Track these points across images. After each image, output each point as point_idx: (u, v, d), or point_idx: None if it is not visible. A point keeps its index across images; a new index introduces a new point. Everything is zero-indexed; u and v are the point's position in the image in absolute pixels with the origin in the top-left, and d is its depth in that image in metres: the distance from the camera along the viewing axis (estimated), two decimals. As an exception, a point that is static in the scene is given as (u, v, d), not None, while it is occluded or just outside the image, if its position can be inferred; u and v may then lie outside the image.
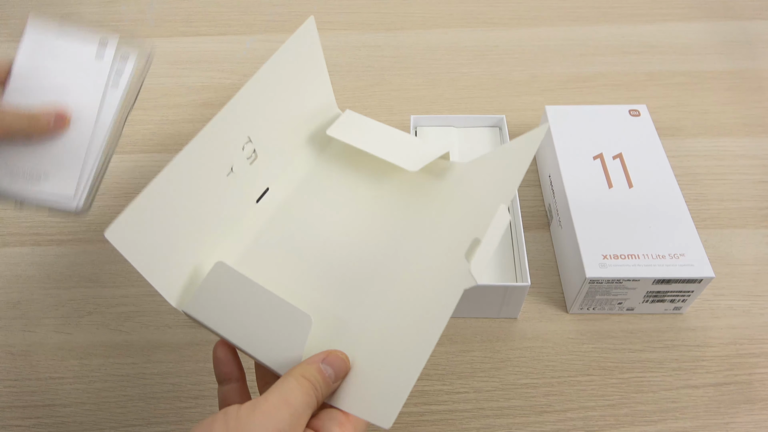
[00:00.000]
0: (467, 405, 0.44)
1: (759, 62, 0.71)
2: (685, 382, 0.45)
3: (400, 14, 0.80)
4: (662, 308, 0.48)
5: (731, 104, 0.66)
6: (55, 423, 0.44)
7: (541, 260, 0.53)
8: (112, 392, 0.45)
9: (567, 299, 0.49)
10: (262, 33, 0.77)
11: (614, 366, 0.46)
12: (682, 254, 0.45)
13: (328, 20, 0.78)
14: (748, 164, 0.60)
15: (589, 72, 0.70)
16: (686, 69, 0.70)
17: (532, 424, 0.43)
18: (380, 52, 0.74)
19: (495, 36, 0.76)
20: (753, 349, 0.47)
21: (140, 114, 0.67)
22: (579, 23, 0.77)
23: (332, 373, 0.29)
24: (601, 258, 0.45)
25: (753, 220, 0.55)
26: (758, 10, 0.78)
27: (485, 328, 0.48)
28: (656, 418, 0.43)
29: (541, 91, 0.68)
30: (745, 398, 0.44)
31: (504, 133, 0.56)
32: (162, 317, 0.49)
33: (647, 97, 0.67)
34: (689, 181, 0.58)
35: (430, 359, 0.46)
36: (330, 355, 0.29)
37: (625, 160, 0.52)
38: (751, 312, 0.49)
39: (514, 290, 0.45)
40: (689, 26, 0.76)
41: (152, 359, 0.47)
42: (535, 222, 0.56)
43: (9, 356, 0.47)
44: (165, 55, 0.74)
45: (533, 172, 0.60)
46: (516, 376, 0.46)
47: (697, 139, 0.62)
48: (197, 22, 0.79)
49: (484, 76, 0.71)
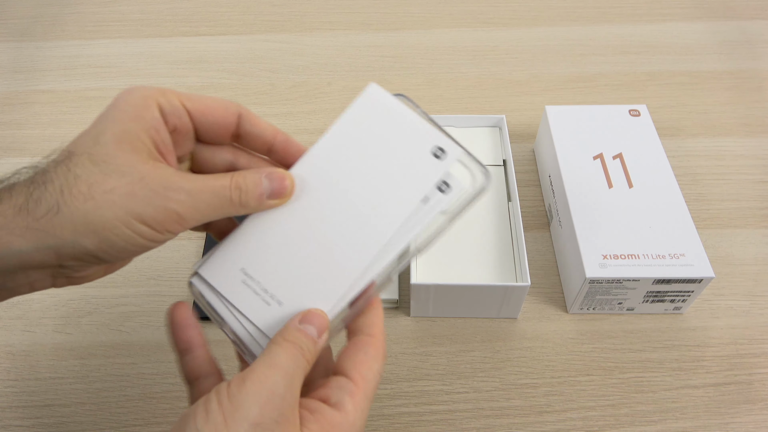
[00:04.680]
0: (467, 405, 0.44)
1: (759, 62, 0.71)
2: (685, 382, 0.45)
3: (400, 14, 0.80)
4: (662, 308, 0.48)
5: (731, 104, 0.66)
6: (55, 423, 0.44)
7: (541, 260, 0.53)
8: (112, 392, 0.45)
9: (567, 299, 0.49)
10: (262, 33, 0.77)
11: (614, 366, 0.46)
12: (682, 254, 0.45)
13: (328, 20, 0.78)
14: (748, 164, 0.60)
15: (589, 72, 0.70)
16: (686, 69, 0.70)
17: (532, 424, 0.43)
18: (380, 52, 0.74)
19: (495, 36, 0.76)
20: (753, 349, 0.47)
21: (140, 114, 0.67)
22: (579, 23, 0.77)
23: (313, 329, 0.28)
24: (601, 258, 0.45)
25: (753, 220, 0.55)
26: (758, 10, 0.78)
27: (485, 328, 0.48)
28: (656, 418, 0.43)
29: (541, 91, 0.68)
30: (745, 398, 0.44)
31: (504, 133, 0.56)
32: (162, 317, 0.49)
33: (647, 97, 0.67)
34: (689, 181, 0.58)
35: (431, 359, 0.46)
36: (306, 315, 0.29)
37: (625, 160, 0.52)
38: (751, 312, 0.49)
39: (514, 290, 0.45)
40: (689, 26, 0.76)
41: (152, 359, 0.47)
42: (535, 222, 0.56)
43: (9, 356, 0.47)
44: (165, 55, 0.74)
45: (533, 172, 0.60)
46: (516, 376, 0.46)
47: (697, 139, 0.62)
48: (197, 22, 0.79)
49: (484, 76, 0.71)
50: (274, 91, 0.69)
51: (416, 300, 0.47)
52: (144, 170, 0.26)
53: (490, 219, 0.51)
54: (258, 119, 0.32)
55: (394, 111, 0.32)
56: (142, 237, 0.26)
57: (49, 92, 0.70)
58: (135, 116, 0.27)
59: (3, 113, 0.68)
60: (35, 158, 0.27)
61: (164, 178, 0.26)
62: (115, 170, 0.26)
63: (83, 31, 0.78)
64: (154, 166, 0.27)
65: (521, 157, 0.61)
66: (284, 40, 0.76)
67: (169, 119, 0.29)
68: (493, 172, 0.55)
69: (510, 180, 0.53)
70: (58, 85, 0.71)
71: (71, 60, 0.74)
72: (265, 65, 0.73)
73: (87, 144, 0.26)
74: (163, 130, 0.28)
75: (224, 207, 0.28)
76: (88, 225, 0.25)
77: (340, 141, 0.32)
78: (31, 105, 0.68)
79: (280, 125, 0.65)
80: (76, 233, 0.25)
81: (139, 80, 0.71)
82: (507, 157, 0.55)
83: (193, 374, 0.30)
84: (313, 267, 0.30)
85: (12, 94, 0.70)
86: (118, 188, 0.25)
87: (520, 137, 0.63)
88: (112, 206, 0.25)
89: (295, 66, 0.72)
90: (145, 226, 0.26)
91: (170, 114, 0.29)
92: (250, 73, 0.72)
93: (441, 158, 0.31)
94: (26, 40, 0.77)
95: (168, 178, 0.27)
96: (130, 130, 0.27)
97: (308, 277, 0.30)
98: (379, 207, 0.30)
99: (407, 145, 0.31)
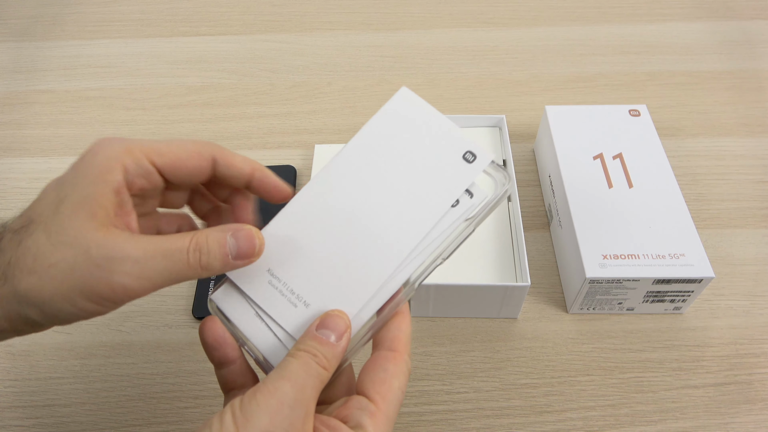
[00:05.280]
0: (467, 405, 0.44)
1: (759, 62, 0.71)
2: (685, 382, 0.45)
3: (400, 14, 0.80)
4: (662, 308, 0.48)
5: (731, 104, 0.66)
6: (55, 423, 0.44)
7: (541, 260, 0.53)
8: (112, 392, 0.45)
9: (567, 299, 0.49)
10: (262, 33, 0.77)
11: (614, 366, 0.46)
12: (682, 254, 0.45)
13: (328, 20, 0.78)
14: (748, 164, 0.60)
15: (589, 72, 0.70)
16: (686, 69, 0.70)
17: (532, 424, 0.43)
18: (380, 52, 0.74)
19: (495, 36, 0.76)
20: (753, 349, 0.47)
21: (140, 114, 0.67)
22: (579, 23, 0.77)
23: (331, 334, 0.27)
24: (601, 258, 0.45)
25: (753, 220, 0.55)
26: (758, 10, 0.78)
27: (485, 328, 0.48)
28: (656, 418, 0.43)
29: (541, 91, 0.68)
30: (745, 398, 0.44)
31: (504, 133, 0.56)
32: (162, 317, 0.49)
33: (647, 97, 0.67)
34: (689, 181, 0.58)
35: (431, 359, 0.46)
36: (324, 319, 0.28)
37: (625, 160, 0.52)
38: (751, 312, 0.49)
39: (514, 290, 0.45)
40: (689, 26, 0.76)
41: (152, 359, 0.47)
42: (535, 222, 0.56)
43: (9, 356, 0.47)
44: (165, 55, 0.74)
45: (533, 172, 0.60)
46: (516, 376, 0.46)
47: (697, 139, 0.62)
48: (197, 22, 0.79)
49: (484, 76, 0.71)
50: (274, 91, 0.69)
51: (416, 300, 0.47)
52: (92, 240, 0.25)
53: (490, 219, 0.51)
54: (233, 159, 0.30)
55: (426, 115, 0.32)
56: (84, 311, 0.25)
57: (49, 92, 0.70)
58: (97, 180, 0.26)
59: (3, 113, 0.68)
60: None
61: (110, 248, 0.25)
62: (63, 241, 0.25)
63: (83, 31, 0.78)
64: (105, 234, 0.25)
65: (521, 157, 0.61)
66: (284, 40, 0.76)
67: (135, 181, 0.28)
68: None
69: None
70: (58, 85, 0.71)
71: (71, 60, 0.74)
72: (265, 65, 0.73)
73: (47, 212, 0.26)
74: (124, 192, 0.27)
75: (181, 271, 0.26)
76: (30, 299, 0.25)
77: (371, 142, 0.32)
78: (31, 105, 0.68)
79: (280, 125, 0.66)
80: (20, 304, 0.25)
81: (139, 80, 0.71)
82: (507, 157, 0.55)
83: (229, 386, 0.30)
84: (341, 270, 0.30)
85: (12, 94, 0.70)
86: (62, 262, 0.25)
87: (520, 137, 0.63)
88: (52, 281, 0.25)
89: (295, 66, 0.72)
90: (88, 301, 0.25)
91: (136, 176, 0.28)
92: (250, 73, 0.72)
93: (472, 163, 0.30)
94: (26, 40, 0.77)
95: (114, 247, 0.25)
96: (90, 194, 0.26)
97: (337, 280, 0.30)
98: (410, 210, 0.30)
99: (438, 149, 0.31)
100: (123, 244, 0.26)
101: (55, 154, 0.63)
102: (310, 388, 0.26)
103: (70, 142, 0.64)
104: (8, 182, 0.60)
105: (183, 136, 0.64)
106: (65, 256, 0.25)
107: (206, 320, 0.30)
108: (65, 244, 0.25)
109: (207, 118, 0.67)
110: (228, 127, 0.65)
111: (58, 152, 0.63)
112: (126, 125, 0.66)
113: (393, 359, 0.28)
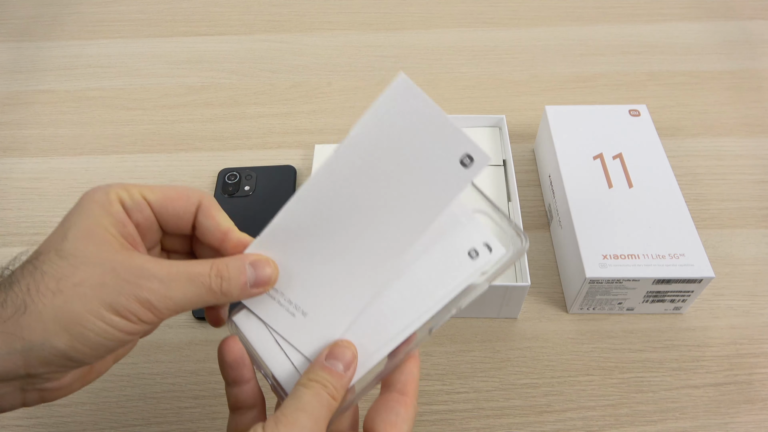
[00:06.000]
0: (467, 405, 0.44)
1: (759, 62, 0.71)
2: (685, 382, 0.45)
3: (400, 14, 0.80)
4: (662, 308, 0.48)
5: (731, 104, 0.66)
6: (55, 423, 0.44)
7: (541, 260, 0.53)
8: (112, 392, 0.45)
9: (567, 299, 0.49)
10: (262, 33, 0.77)
11: (614, 366, 0.46)
12: (682, 254, 0.45)
13: (328, 20, 0.78)
14: (748, 164, 0.60)
15: (589, 72, 0.70)
16: (686, 69, 0.70)
17: (532, 424, 0.43)
18: (380, 52, 0.74)
19: (495, 36, 0.76)
20: (753, 349, 0.47)
21: (140, 114, 0.67)
22: (579, 23, 0.77)
23: (339, 364, 0.28)
24: (601, 258, 0.45)
25: (753, 220, 0.55)
26: (758, 10, 0.78)
27: (485, 328, 0.48)
28: (656, 418, 0.43)
29: (541, 91, 0.68)
30: (745, 398, 0.44)
31: (504, 133, 0.56)
32: (162, 317, 0.49)
33: (647, 97, 0.67)
34: (689, 181, 0.58)
35: (431, 359, 0.46)
36: (333, 349, 0.29)
37: (625, 160, 0.52)
38: (751, 312, 0.49)
39: (514, 290, 0.45)
40: (689, 26, 0.76)
41: (152, 359, 0.47)
42: (535, 222, 0.56)
43: (9, 356, 0.47)
44: (165, 55, 0.74)
45: (533, 172, 0.60)
46: (516, 376, 0.46)
47: (697, 139, 0.62)
48: (197, 22, 0.79)
49: (484, 76, 0.71)
50: (274, 91, 0.69)
51: (416, 300, 0.47)
52: (116, 260, 0.25)
53: (490, 219, 0.51)
54: (215, 213, 0.30)
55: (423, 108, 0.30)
56: (115, 329, 0.25)
57: (49, 92, 0.70)
58: (100, 212, 0.27)
59: (3, 113, 0.68)
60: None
61: (136, 267, 0.26)
62: (84, 262, 0.25)
63: (83, 31, 0.78)
64: (127, 255, 0.26)
65: (521, 157, 0.61)
66: (284, 40, 0.76)
67: (132, 214, 0.28)
68: (493, 172, 0.55)
69: (510, 180, 0.53)
70: (58, 85, 0.71)
71: (71, 60, 0.74)
72: (265, 65, 0.73)
73: (54, 242, 0.26)
74: (128, 223, 0.28)
75: (202, 295, 0.27)
76: (58, 321, 0.24)
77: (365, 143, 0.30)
78: (31, 105, 0.68)
79: (280, 125, 0.66)
80: (45, 332, 0.24)
81: (139, 80, 0.71)
82: (507, 157, 0.55)
83: (237, 405, 0.30)
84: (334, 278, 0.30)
85: (12, 94, 0.70)
86: (89, 279, 0.25)
87: (520, 137, 0.63)
88: (82, 298, 0.24)
89: (295, 66, 0.72)
90: (118, 316, 0.25)
91: (132, 209, 0.28)
92: (249, 73, 0.72)
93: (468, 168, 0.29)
94: (26, 40, 0.77)
95: (140, 265, 0.26)
96: (98, 224, 0.26)
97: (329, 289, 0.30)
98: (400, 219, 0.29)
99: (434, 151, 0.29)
100: (147, 264, 0.26)
101: (55, 154, 0.63)
102: (323, 419, 0.27)
103: (70, 142, 0.64)
104: (8, 182, 0.60)
105: (183, 135, 0.64)
106: (92, 274, 0.25)
107: (227, 339, 0.30)
108: (89, 264, 0.25)
109: (207, 118, 0.67)
110: (228, 127, 0.65)
111: (58, 152, 0.63)
112: (126, 125, 0.66)
113: (404, 404, 0.29)
